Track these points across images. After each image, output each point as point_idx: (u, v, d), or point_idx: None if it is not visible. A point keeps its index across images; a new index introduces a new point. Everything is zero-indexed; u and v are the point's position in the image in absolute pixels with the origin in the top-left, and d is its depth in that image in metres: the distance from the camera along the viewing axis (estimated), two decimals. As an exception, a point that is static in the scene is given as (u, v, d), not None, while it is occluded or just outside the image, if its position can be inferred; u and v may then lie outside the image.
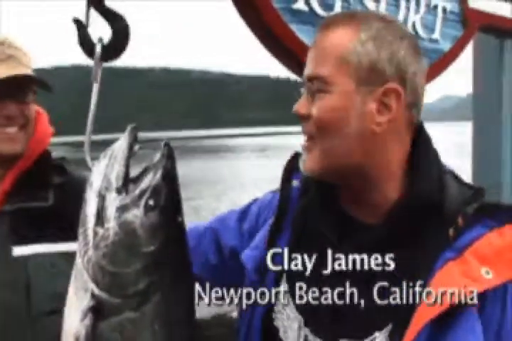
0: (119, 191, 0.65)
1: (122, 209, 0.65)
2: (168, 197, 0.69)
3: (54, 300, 0.96)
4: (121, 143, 0.68)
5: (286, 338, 0.70)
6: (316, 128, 0.66)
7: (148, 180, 0.67)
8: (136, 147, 0.69)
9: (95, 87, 0.74)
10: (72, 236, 1.04)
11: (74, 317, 0.67)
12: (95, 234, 0.65)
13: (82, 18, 0.72)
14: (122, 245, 0.64)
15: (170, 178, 0.69)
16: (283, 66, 1.99)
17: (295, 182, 0.79)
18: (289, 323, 0.70)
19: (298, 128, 0.72)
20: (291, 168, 0.80)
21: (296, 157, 0.80)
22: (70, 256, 1.02)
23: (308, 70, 0.69)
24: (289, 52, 1.86)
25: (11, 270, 0.98)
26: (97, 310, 0.65)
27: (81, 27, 0.71)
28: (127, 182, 0.66)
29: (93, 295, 0.65)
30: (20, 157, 1.05)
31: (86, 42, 0.72)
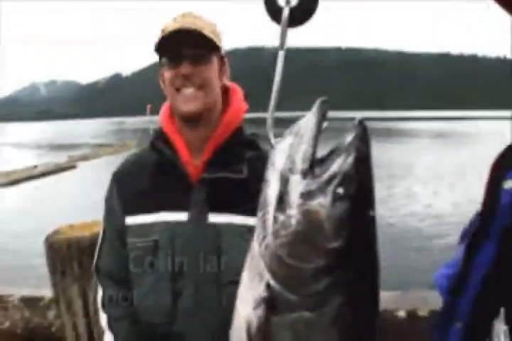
0: (304, 174, 0.57)
1: (307, 195, 0.56)
2: (360, 186, 0.57)
3: (240, 269, 0.97)
4: (309, 119, 0.58)
5: None
6: None
7: (339, 165, 0.57)
8: (325, 124, 0.59)
9: (281, 56, 0.66)
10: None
11: (247, 303, 0.63)
12: (275, 219, 0.57)
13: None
14: (304, 237, 0.56)
15: (364, 164, 0.57)
16: None
17: (508, 184, 0.59)
18: None
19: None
20: (503, 165, 0.60)
21: (509, 150, 0.59)
22: (253, 229, 1.04)
23: None
24: None
25: (204, 235, 1.02)
26: (271, 303, 0.60)
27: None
28: (314, 164, 0.57)
29: (268, 286, 0.59)
30: (203, 123, 1.06)
31: (272, 5, 0.63)
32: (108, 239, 1.14)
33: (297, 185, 0.56)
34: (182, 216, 1.03)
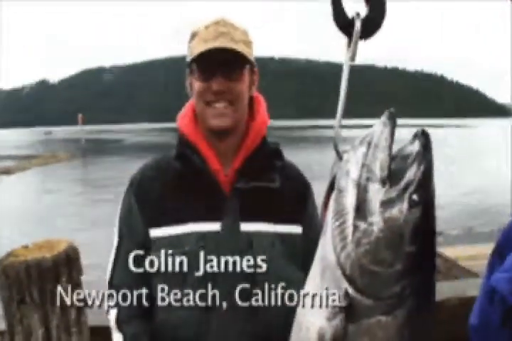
0: (383, 182, 0.59)
1: (387, 202, 0.58)
2: (430, 193, 0.60)
3: (274, 278, 0.96)
4: (382, 129, 0.61)
5: None
6: None
7: (413, 173, 0.59)
8: (395, 134, 0.62)
9: (346, 66, 0.68)
10: (289, 220, 1.06)
11: (319, 314, 0.63)
12: (356, 228, 0.59)
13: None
14: (387, 243, 0.58)
15: (431, 172, 0.61)
16: None
17: None
18: None
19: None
20: None
21: None
22: (285, 238, 1.04)
23: None
24: None
25: (238, 244, 1.00)
26: (349, 311, 0.60)
27: (337, 2, 0.65)
28: (391, 173, 0.59)
29: (346, 295, 0.60)
30: (231, 132, 1.06)
31: (342, 18, 0.65)
32: (125, 253, 1.07)
33: (377, 194, 0.58)
34: (214, 226, 1.01)
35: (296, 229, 1.05)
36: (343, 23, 0.66)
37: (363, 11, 0.66)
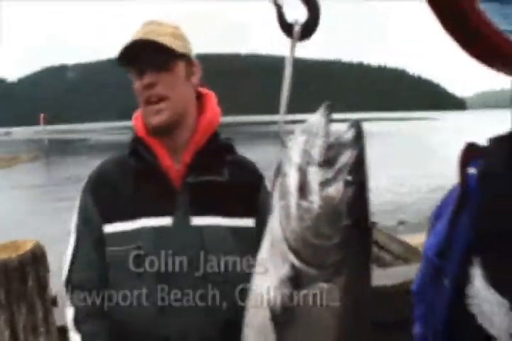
0: (320, 166, 0.67)
1: (325, 183, 0.67)
2: (362, 175, 0.69)
3: (225, 271, 1.02)
4: (319, 119, 0.69)
5: (490, 324, 0.68)
6: None
7: (347, 157, 0.68)
8: (330, 123, 0.70)
9: (288, 65, 0.76)
10: (241, 213, 1.11)
11: (268, 285, 0.71)
12: (299, 206, 0.67)
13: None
14: (326, 218, 0.66)
15: (363, 156, 0.70)
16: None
17: (471, 170, 0.77)
18: (491, 308, 0.68)
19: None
20: (468, 156, 0.79)
21: (471, 147, 0.78)
22: (238, 231, 1.08)
23: None
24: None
25: (188, 237, 1.04)
26: (294, 280, 0.68)
27: (279, 9, 0.73)
28: (328, 157, 0.68)
29: (292, 266, 0.68)
30: (176, 128, 1.08)
31: (284, 23, 0.74)
32: (82, 251, 1.10)
33: (316, 175, 0.66)
34: (166, 221, 1.04)
35: (248, 222, 1.09)
36: (285, 27, 0.74)
37: (302, 17, 0.75)
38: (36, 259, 2.12)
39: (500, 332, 0.67)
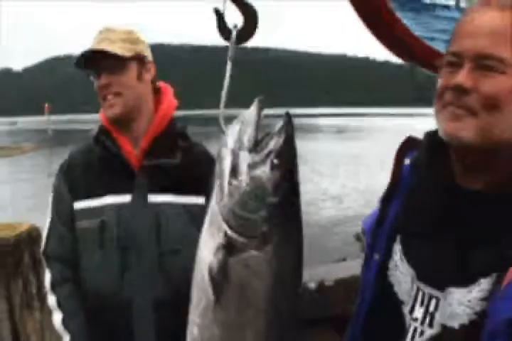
0: (250, 150, 0.79)
1: (253, 165, 0.78)
2: (289, 159, 0.81)
3: (178, 242, 1.17)
4: (252, 111, 0.81)
5: (401, 291, 0.80)
6: (481, 104, 0.68)
7: (274, 143, 0.80)
8: (262, 115, 0.82)
9: (229, 65, 0.87)
10: (194, 192, 1.26)
11: (207, 251, 0.83)
12: (230, 184, 0.79)
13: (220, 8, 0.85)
14: (252, 195, 0.78)
15: (291, 143, 0.81)
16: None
17: (407, 161, 0.89)
18: (403, 278, 0.80)
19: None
20: (406, 148, 0.90)
21: (409, 140, 0.90)
22: (189, 208, 1.24)
23: (477, 46, 0.69)
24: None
25: (146, 214, 1.20)
26: (228, 247, 0.80)
27: (219, 15, 0.84)
28: (257, 143, 0.80)
29: (225, 235, 0.80)
30: (132, 118, 1.25)
31: (223, 28, 0.85)
32: (55, 226, 1.27)
33: (245, 159, 0.78)
34: (126, 198, 1.21)
35: (199, 199, 1.25)
36: (224, 32, 0.85)
37: (240, 22, 0.86)
38: (32, 239, 2.27)
39: (407, 297, 0.80)
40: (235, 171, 0.79)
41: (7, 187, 14.96)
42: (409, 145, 0.92)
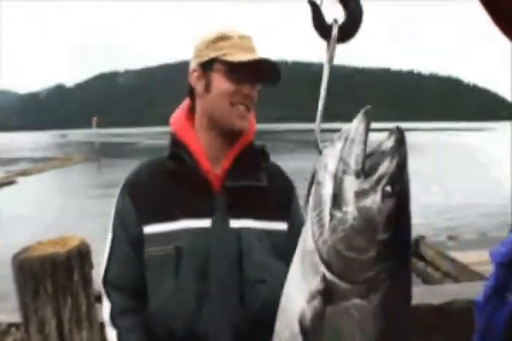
0: (357, 175, 0.64)
1: (361, 193, 0.63)
2: (403, 185, 0.65)
3: (261, 271, 1.03)
4: (357, 125, 0.66)
5: None
6: None
7: (386, 166, 0.64)
8: (369, 131, 0.67)
9: (326, 70, 0.73)
10: (275, 217, 1.11)
11: (299, 296, 0.68)
12: (332, 216, 0.64)
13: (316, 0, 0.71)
14: (360, 231, 0.63)
15: (405, 166, 0.66)
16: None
17: None
18: None
19: None
20: None
21: None
22: (272, 234, 1.09)
23: None
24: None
25: (226, 238, 1.06)
26: (326, 294, 0.65)
27: (316, 9, 0.70)
28: (365, 166, 0.64)
29: (324, 279, 0.65)
30: (240, 135, 1.13)
31: (321, 24, 0.71)
32: (119, 251, 1.13)
33: (352, 185, 0.63)
34: (204, 223, 1.07)
35: (281, 225, 1.12)
36: (322, 28, 0.71)
37: (341, 16, 0.71)
38: (82, 255, 2.21)
39: None
40: (338, 200, 0.63)
41: (58, 197, 15.59)
42: None
